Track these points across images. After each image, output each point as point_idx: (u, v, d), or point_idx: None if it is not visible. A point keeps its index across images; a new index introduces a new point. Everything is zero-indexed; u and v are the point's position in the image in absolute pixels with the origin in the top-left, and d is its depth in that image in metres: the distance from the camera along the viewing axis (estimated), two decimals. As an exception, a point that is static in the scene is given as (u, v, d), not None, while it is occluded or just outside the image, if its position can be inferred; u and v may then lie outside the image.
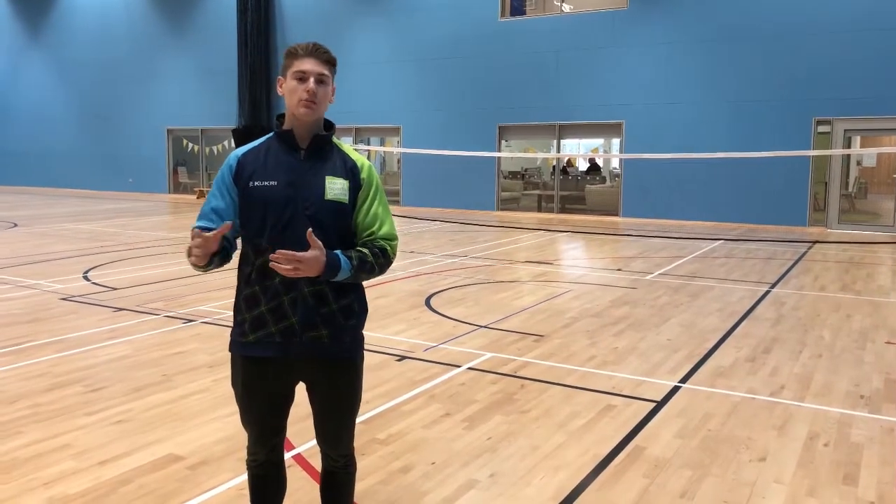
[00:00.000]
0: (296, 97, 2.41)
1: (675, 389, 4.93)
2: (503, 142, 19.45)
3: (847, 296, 8.26)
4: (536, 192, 20.47)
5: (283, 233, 2.39)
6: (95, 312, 7.05)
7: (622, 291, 8.38)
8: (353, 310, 2.53)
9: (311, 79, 2.40)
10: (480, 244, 12.68)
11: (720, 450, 3.92)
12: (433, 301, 7.72)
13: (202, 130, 24.23)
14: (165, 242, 12.40)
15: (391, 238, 2.52)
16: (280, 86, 2.48)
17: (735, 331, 6.59)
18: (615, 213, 17.85)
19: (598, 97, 17.62)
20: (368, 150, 21.46)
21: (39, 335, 6.16)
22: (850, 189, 16.95)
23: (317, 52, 2.43)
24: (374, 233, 2.49)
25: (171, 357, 5.55)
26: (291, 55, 2.44)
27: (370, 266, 2.44)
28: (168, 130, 24.74)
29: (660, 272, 9.78)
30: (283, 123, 2.51)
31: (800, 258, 11.23)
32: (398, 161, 21.53)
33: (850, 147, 15.99)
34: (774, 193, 15.79)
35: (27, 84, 27.90)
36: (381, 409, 4.47)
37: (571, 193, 19.58)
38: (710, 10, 16.30)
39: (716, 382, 5.09)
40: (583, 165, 22.78)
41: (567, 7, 19.38)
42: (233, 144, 22.18)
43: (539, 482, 3.53)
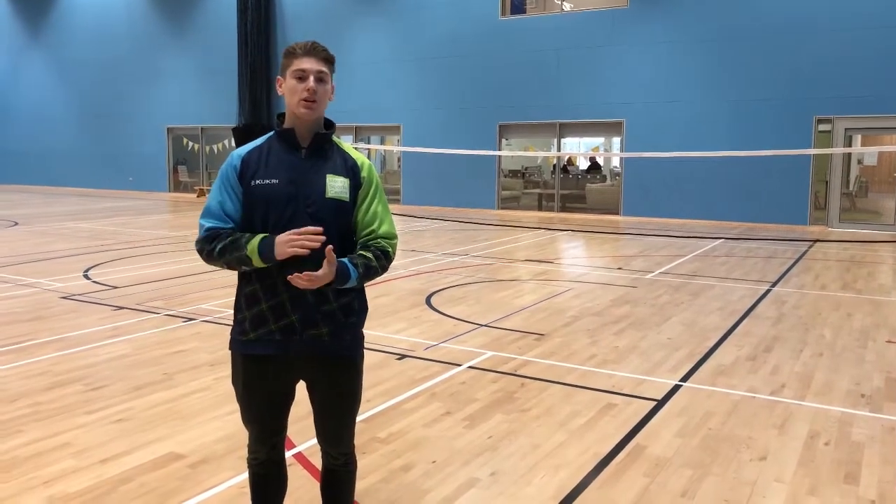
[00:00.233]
0: (296, 96, 2.41)
1: (676, 388, 4.93)
2: (503, 140, 19.43)
3: (848, 294, 8.25)
4: (537, 191, 20.47)
5: (285, 231, 2.39)
6: (96, 311, 7.05)
7: (623, 290, 8.38)
8: (353, 308, 2.53)
9: (311, 77, 2.40)
10: (481, 243, 12.67)
11: (721, 449, 3.92)
12: (434, 300, 7.72)
13: (202, 129, 24.22)
14: (166, 241, 12.40)
15: (391, 237, 2.53)
16: (279, 86, 2.49)
17: (736, 329, 6.58)
18: (616, 212, 17.84)
19: (599, 96, 17.61)
20: (368, 149, 21.45)
21: (40, 334, 6.16)
22: (851, 188, 16.93)
23: (315, 51, 2.43)
24: (374, 231, 2.50)
25: (172, 355, 5.55)
26: (290, 55, 2.44)
27: (374, 270, 2.47)
28: (168, 129, 24.74)
29: (660, 271, 9.78)
30: (284, 122, 2.52)
31: (800, 257, 11.22)
32: (398, 160, 21.53)
33: (851, 146, 15.97)
34: (775, 192, 15.79)
35: (27, 83, 27.90)
36: (382, 408, 4.47)
37: (572, 192, 19.57)
38: (711, 9, 16.28)
39: (716, 381, 5.08)
40: (583, 164, 22.77)
41: (567, 5, 19.36)
42: (233, 143, 22.17)
43: (540, 481, 3.53)
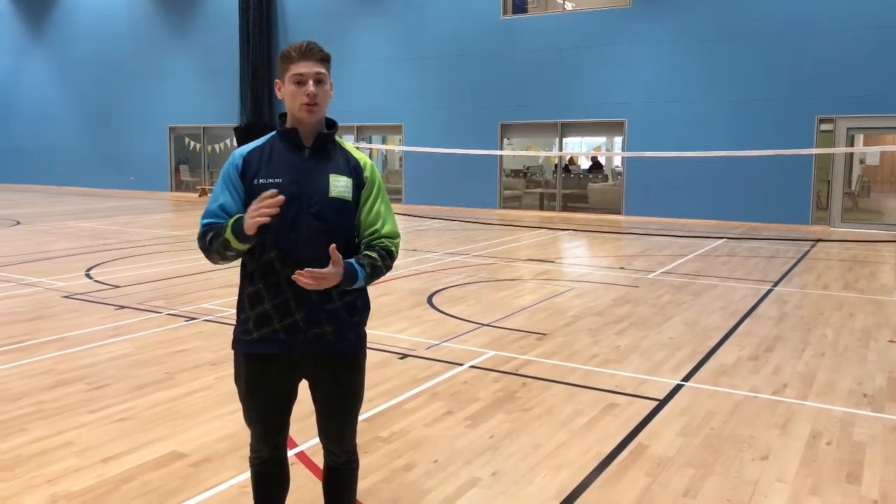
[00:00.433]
0: (297, 101, 2.41)
1: (678, 388, 4.93)
2: (505, 140, 19.43)
3: (850, 294, 8.25)
4: (538, 191, 20.45)
5: (288, 231, 2.40)
6: (98, 310, 7.06)
7: (624, 290, 8.37)
8: (357, 306, 2.54)
9: (310, 81, 2.40)
10: (482, 242, 12.67)
11: (723, 448, 3.92)
12: (435, 299, 7.72)
13: (204, 128, 24.23)
14: (167, 240, 12.41)
15: (394, 236, 2.54)
16: (278, 89, 2.48)
17: (738, 329, 6.58)
18: (617, 212, 17.83)
19: (601, 95, 17.60)
20: (370, 149, 21.44)
21: (42, 333, 6.17)
22: (853, 187, 16.90)
23: (311, 53, 2.42)
24: (378, 231, 2.51)
25: (174, 355, 5.56)
26: (286, 59, 2.43)
27: (380, 270, 2.48)
28: (170, 128, 24.75)
29: (662, 270, 9.77)
30: (286, 122, 2.52)
31: (802, 256, 11.21)
32: (400, 159, 21.53)
33: (853, 145, 15.95)
34: (777, 192, 15.77)
35: (29, 82, 27.92)
36: (384, 408, 4.48)
37: (573, 192, 19.56)
38: (713, 8, 16.27)
39: (718, 381, 5.08)
40: (585, 164, 22.76)
41: (569, 5, 19.34)
42: (235, 142, 22.18)
43: (541, 480, 3.53)
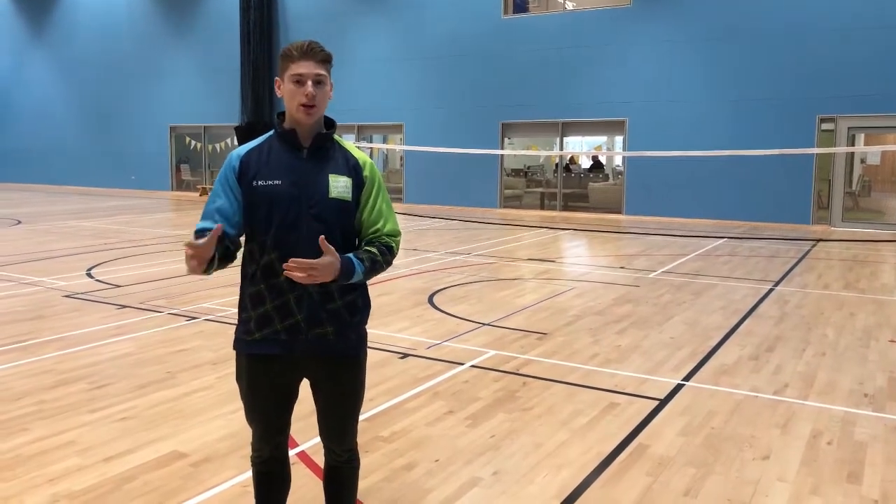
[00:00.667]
0: (295, 101, 2.40)
1: (679, 387, 4.93)
2: (506, 139, 19.43)
3: (851, 294, 8.24)
4: (539, 190, 20.46)
5: (289, 232, 2.40)
6: (99, 310, 7.06)
7: (625, 289, 8.37)
8: (358, 306, 2.54)
9: (309, 82, 2.38)
10: (483, 242, 12.67)
11: (723, 448, 3.92)
12: (436, 299, 7.73)
13: (205, 128, 24.24)
14: (168, 240, 12.42)
15: (395, 234, 2.54)
16: (278, 87, 2.47)
17: (738, 329, 6.58)
18: (618, 211, 17.82)
19: (601, 95, 17.60)
20: (371, 148, 21.44)
21: (43, 332, 6.17)
22: (854, 187, 16.89)
23: (312, 53, 2.40)
24: (379, 230, 2.51)
25: (175, 354, 5.56)
26: (287, 58, 2.42)
27: (379, 265, 2.47)
28: (171, 128, 24.76)
29: (663, 270, 9.77)
30: (284, 122, 2.51)
31: (803, 256, 11.21)
32: (401, 159, 21.52)
33: (854, 145, 15.94)
34: (778, 191, 15.77)
35: (30, 81, 27.93)
36: (385, 407, 4.48)
37: (574, 191, 19.56)
38: (714, 8, 16.26)
39: (719, 380, 5.08)
40: (586, 163, 22.75)
41: (570, 4, 19.34)
42: (235, 142, 22.19)
43: (542, 480, 3.54)
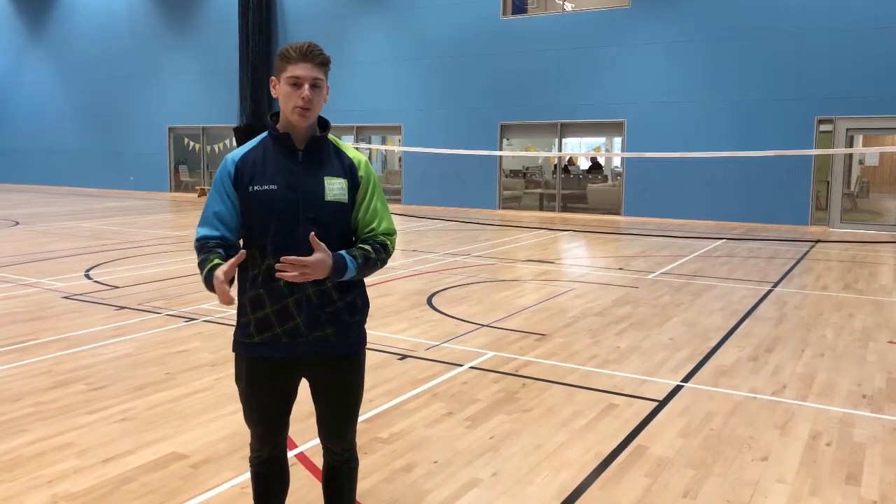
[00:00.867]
0: (290, 104, 2.38)
1: (678, 389, 4.93)
2: (505, 140, 19.43)
3: (849, 295, 8.25)
4: (538, 191, 20.45)
5: (287, 236, 2.40)
6: (97, 311, 7.06)
7: (624, 290, 8.38)
8: (357, 306, 2.54)
9: (306, 85, 2.37)
10: (482, 243, 12.67)
11: (722, 449, 3.92)
12: (435, 300, 7.72)
13: (203, 129, 24.22)
14: (167, 241, 12.41)
15: (390, 233, 2.54)
16: (273, 87, 2.45)
17: (737, 330, 6.58)
18: (617, 212, 17.83)
19: (600, 96, 17.60)
20: (370, 149, 21.45)
21: (42, 333, 6.17)
22: (853, 188, 16.92)
23: (311, 56, 2.38)
24: (375, 229, 2.51)
25: (174, 355, 5.56)
26: (284, 58, 2.40)
27: (373, 262, 2.47)
28: (170, 128, 24.74)
29: (662, 271, 9.78)
30: (277, 123, 2.49)
31: (802, 257, 11.22)
32: (399, 160, 21.51)
33: (853, 146, 15.96)
34: (776, 192, 15.77)
35: (29, 82, 27.91)
36: (384, 408, 4.48)
37: (573, 192, 19.55)
38: (712, 9, 16.27)
39: (718, 382, 5.08)
40: (584, 164, 22.76)
41: (569, 5, 19.35)
42: (234, 143, 22.18)
43: (541, 481, 3.54)
